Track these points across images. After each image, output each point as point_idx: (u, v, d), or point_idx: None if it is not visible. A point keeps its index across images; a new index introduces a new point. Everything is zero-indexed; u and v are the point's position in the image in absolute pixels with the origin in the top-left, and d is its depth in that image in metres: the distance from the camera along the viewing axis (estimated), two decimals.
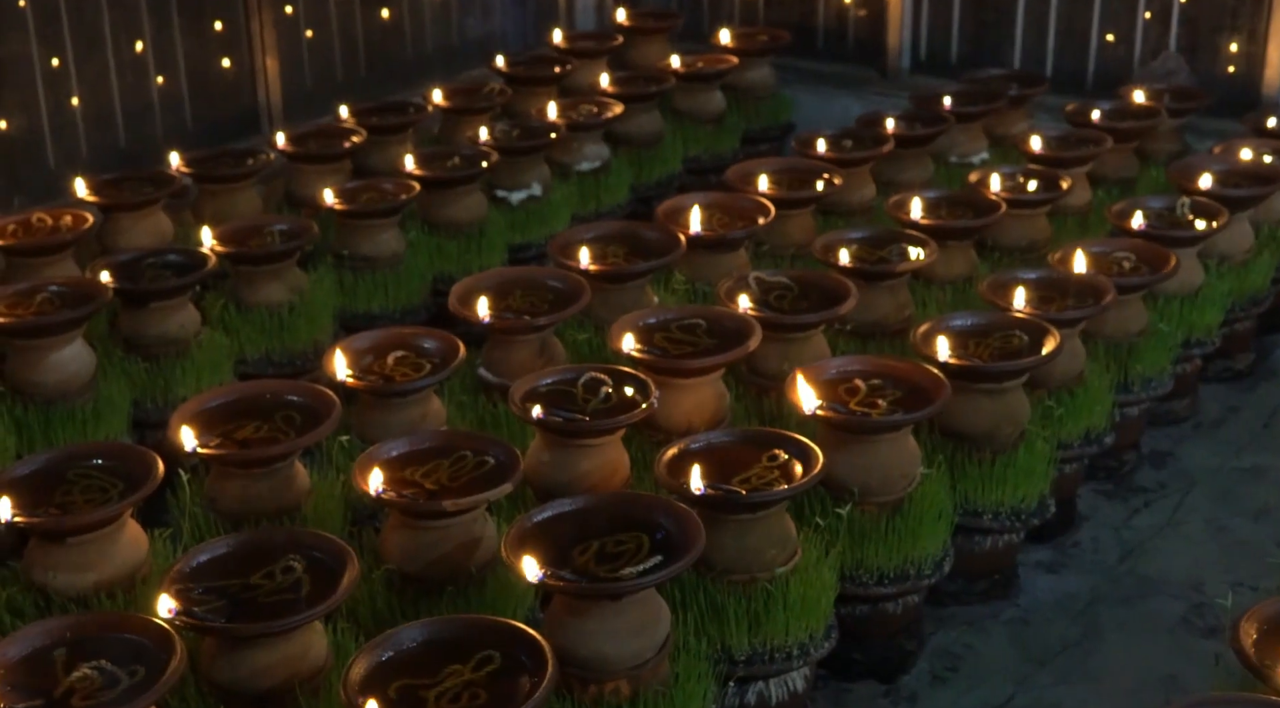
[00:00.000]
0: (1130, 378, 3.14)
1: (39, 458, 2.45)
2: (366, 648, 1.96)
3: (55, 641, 2.01)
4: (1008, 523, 2.74)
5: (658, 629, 2.14)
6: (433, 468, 2.40)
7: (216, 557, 2.19)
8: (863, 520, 2.52)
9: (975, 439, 2.72)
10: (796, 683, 2.42)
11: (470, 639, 1.99)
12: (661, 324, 2.83)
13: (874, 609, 2.59)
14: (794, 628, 2.35)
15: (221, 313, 3.33)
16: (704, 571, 2.34)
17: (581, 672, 2.11)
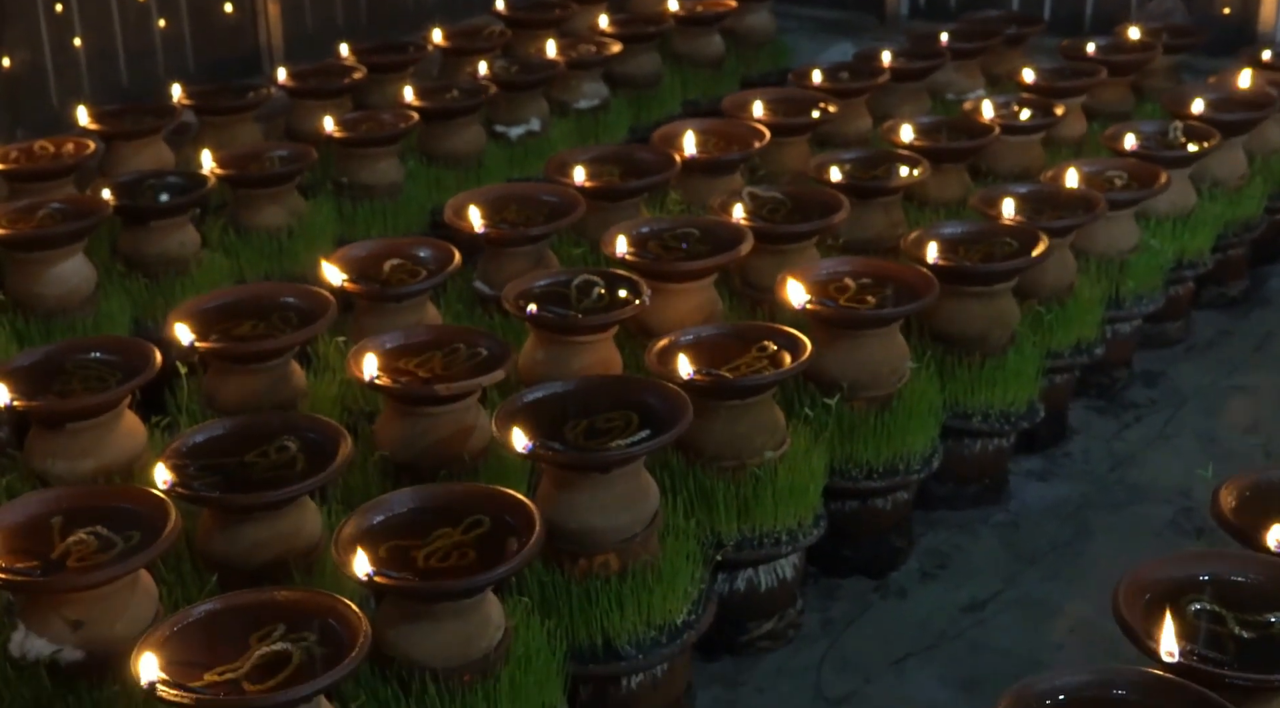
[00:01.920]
0: (1122, 295, 3.16)
1: (38, 351, 2.48)
2: (358, 511, 1.99)
3: (52, 510, 2.04)
4: (997, 426, 2.77)
5: (646, 504, 2.17)
6: (426, 359, 2.43)
7: (213, 437, 2.22)
8: (851, 416, 2.54)
9: (965, 343, 2.74)
10: (785, 571, 2.45)
11: (460, 505, 2.02)
12: (655, 233, 2.86)
13: (863, 506, 2.62)
14: (783, 515, 2.38)
15: (221, 236, 3.36)
16: (693, 457, 2.37)
17: (571, 546, 2.14)
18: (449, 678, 1.91)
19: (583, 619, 2.13)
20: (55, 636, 1.94)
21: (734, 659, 2.45)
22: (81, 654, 1.94)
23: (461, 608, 1.91)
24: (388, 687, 1.92)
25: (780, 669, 2.43)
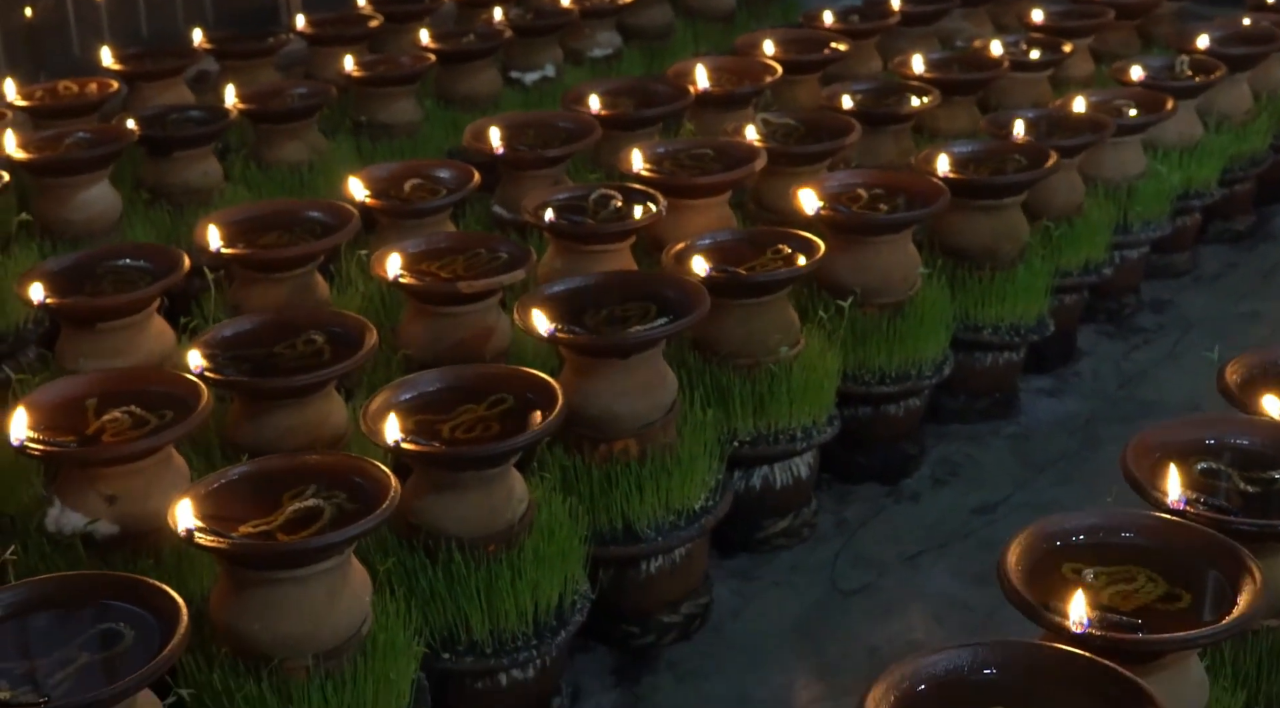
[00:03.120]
0: (1129, 220, 3.21)
1: (69, 256, 2.54)
2: (386, 388, 2.05)
3: (86, 392, 2.10)
4: (1007, 338, 2.82)
5: (664, 392, 2.22)
6: (448, 263, 2.48)
7: (241, 331, 2.28)
8: (864, 321, 2.59)
9: (975, 256, 2.79)
10: (800, 469, 2.50)
11: (485, 384, 2.07)
12: (670, 153, 2.92)
13: (876, 412, 2.67)
14: (797, 412, 2.43)
15: (243, 170, 3.41)
16: (709, 356, 2.42)
17: (591, 431, 2.19)
18: (474, 547, 1.96)
19: (603, 503, 2.19)
20: (90, 510, 1.99)
21: (750, 556, 2.50)
22: (116, 529, 1.99)
23: (486, 478, 1.96)
24: (415, 556, 1.98)
25: (795, 565, 2.48)
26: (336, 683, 1.76)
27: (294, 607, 1.74)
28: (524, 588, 1.98)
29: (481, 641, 1.98)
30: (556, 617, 2.03)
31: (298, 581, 1.74)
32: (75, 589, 1.66)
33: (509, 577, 1.97)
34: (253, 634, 1.75)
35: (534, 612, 2.00)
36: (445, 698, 2.02)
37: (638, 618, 2.28)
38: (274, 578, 1.74)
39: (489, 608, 1.97)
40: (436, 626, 1.97)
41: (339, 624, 1.78)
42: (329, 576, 1.76)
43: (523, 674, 2.04)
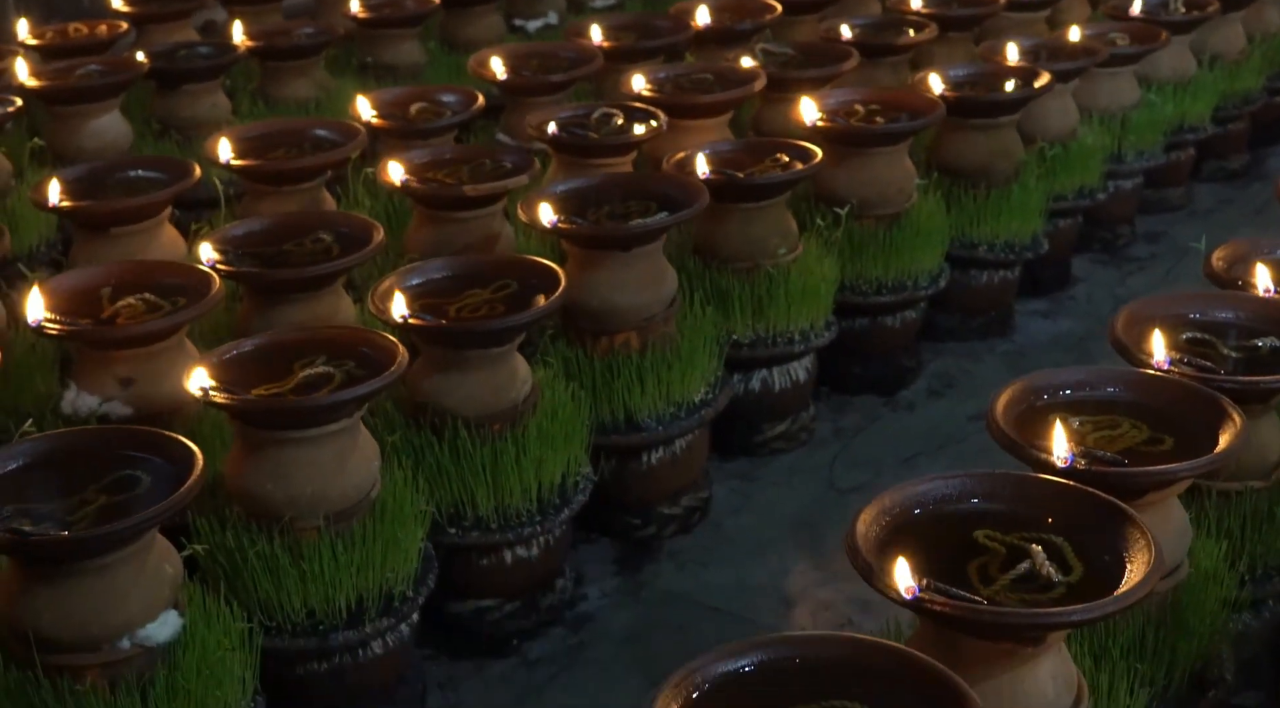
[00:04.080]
0: (1123, 149, 3.26)
1: (82, 167, 2.60)
2: (394, 273, 2.10)
3: (101, 281, 2.15)
4: (1002, 256, 2.87)
5: (665, 286, 2.28)
6: (453, 171, 2.54)
7: (251, 230, 2.33)
8: (861, 233, 2.64)
9: (971, 174, 2.84)
10: (799, 374, 2.55)
11: (490, 271, 2.13)
12: (671, 78, 2.97)
13: (873, 323, 2.72)
14: (795, 314, 2.48)
15: (250, 106, 3.47)
16: (709, 259, 2.47)
17: (593, 324, 2.24)
18: (479, 425, 2.02)
19: (604, 394, 2.24)
20: (105, 392, 2.05)
21: (749, 459, 2.55)
22: (130, 411, 2.04)
23: (490, 358, 2.02)
24: (421, 434, 2.03)
25: (794, 467, 2.54)
26: (346, 543, 1.82)
27: (305, 467, 1.80)
28: (528, 465, 2.03)
29: (487, 516, 2.04)
30: (560, 495, 2.08)
31: (309, 441, 1.79)
32: (95, 441, 1.72)
33: (513, 454, 2.02)
34: (265, 494, 1.80)
35: (538, 490, 2.06)
36: (452, 577, 2.07)
37: (639, 510, 2.33)
38: (285, 438, 1.79)
39: (494, 484, 2.03)
40: (443, 502, 2.02)
41: (348, 486, 1.83)
42: (339, 438, 1.81)
43: (527, 552, 2.09)
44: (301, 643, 1.82)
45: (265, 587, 1.80)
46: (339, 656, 1.87)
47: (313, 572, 1.80)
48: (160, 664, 1.62)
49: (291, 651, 1.83)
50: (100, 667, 1.59)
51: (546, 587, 2.15)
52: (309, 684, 1.88)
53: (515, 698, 2.02)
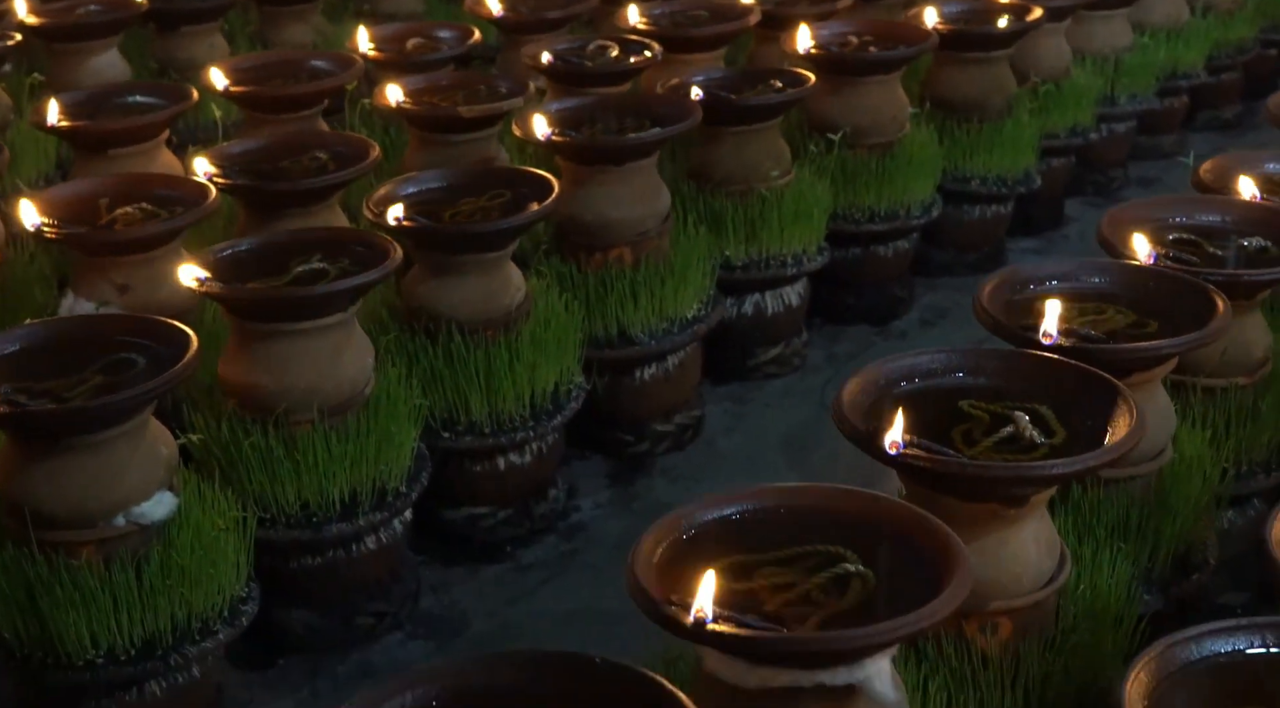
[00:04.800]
0: (1116, 92, 3.28)
1: (81, 92, 2.62)
2: (389, 182, 2.12)
3: (99, 191, 2.17)
4: (995, 190, 2.89)
5: (658, 201, 2.29)
6: (448, 96, 2.56)
7: (248, 148, 2.35)
8: (854, 162, 2.66)
9: (964, 108, 2.86)
10: (791, 298, 2.57)
11: (484, 180, 2.16)
12: (667, 14, 2.98)
13: (866, 253, 2.74)
14: (788, 238, 2.50)
15: (248, 50, 3.48)
16: (703, 183, 2.49)
17: (587, 238, 2.26)
18: (473, 330, 2.03)
19: (598, 310, 2.26)
20: (101, 298, 2.06)
21: (742, 384, 2.57)
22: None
23: (484, 263, 2.04)
24: (415, 339, 2.05)
25: (786, 391, 2.56)
26: (340, 436, 1.84)
27: (299, 360, 1.82)
28: (521, 370, 2.05)
29: (480, 421, 2.06)
30: (553, 402, 2.10)
31: (303, 334, 1.81)
32: (92, 328, 1.74)
33: (507, 359, 2.04)
34: (260, 387, 1.82)
35: (530, 395, 2.08)
36: (446, 484, 2.09)
37: (632, 426, 2.35)
38: (280, 330, 1.81)
39: (487, 389, 2.04)
40: (437, 407, 2.04)
41: (342, 380, 1.85)
42: (333, 332, 1.83)
43: (520, 459, 2.11)
44: (295, 535, 1.84)
45: (260, 479, 1.82)
46: (332, 550, 1.89)
47: (306, 464, 1.82)
48: (155, 542, 1.63)
49: (285, 542, 1.84)
50: (95, 543, 1.61)
51: (539, 495, 2.17)
52: (303, 579, 1.90)
53: (507, 600, 2.04)
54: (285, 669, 1.91)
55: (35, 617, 1.60)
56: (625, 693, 1.07)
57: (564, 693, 1.09)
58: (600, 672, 1.09)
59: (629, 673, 1.08)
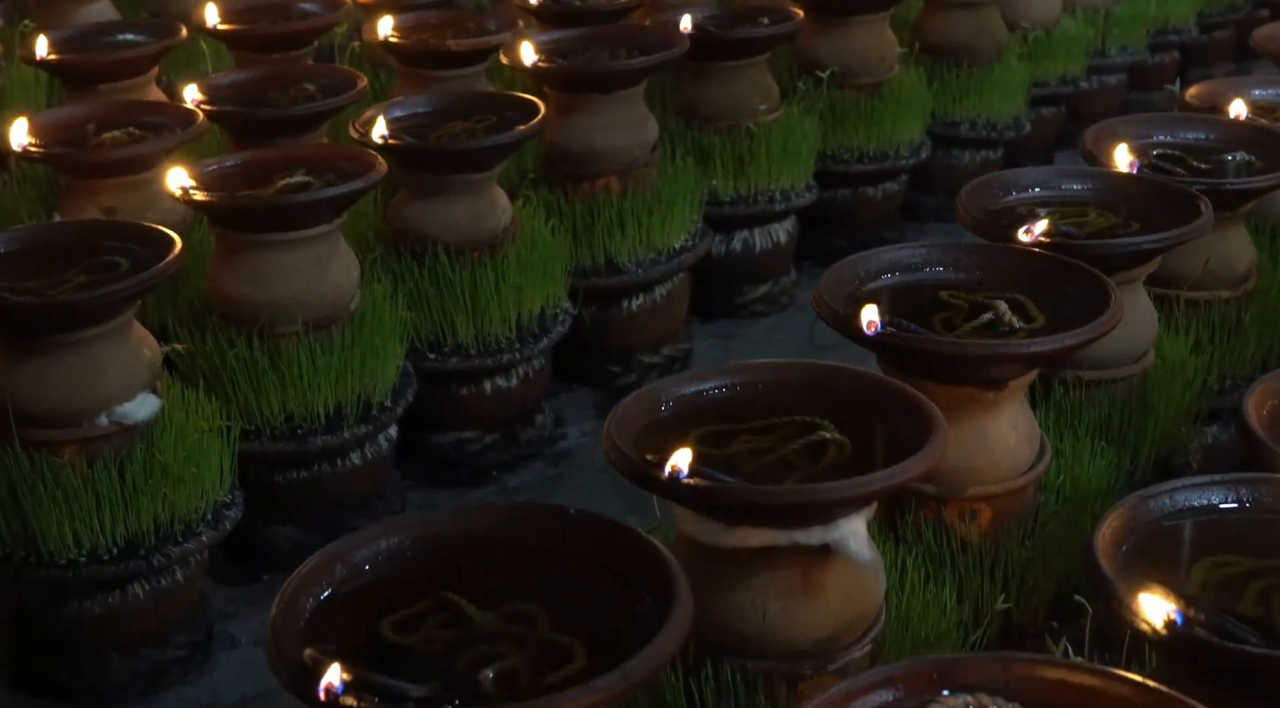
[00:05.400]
0: (1107, 44, 3.29)
1: (71, 29, 2.62)
2: (377, 106, 2.12)
3: (87, 117, 2.17)
4: (984, 134, 2.89)
5: (645, 131, 2.30)
6: (438, 33, 2.56)
7: (238, 80, 2.35)
8: (844, 102, 2.66)
9: (953, 53, 2.86)
10: (779, 236, 2.57)
11: (471, 105, 2.16)
12: None
13: (855, 194, 2.74)
14: (776, 173, 2.50)
15: None
16: (691, 119, 2.49)
17: (574, 168, 2.27)
18: (459, 252, 2.04)
19: (585, 238, 2.26)
20: None
21: (731, 321, 2.57)
22: None
23: (470, 184, 2.04)
24: (401, 260, 2.05)
25: (774, 328, 2.56)
26: (324, 348, 1.84)
27: (283, 271, 1.82)
28: (507, 292, 2.05)
29: (466, 343, 2.06)
30: (539, 324, 2.11)
31: (287, 245, 1.81)
32: (76, 232, 1.75)
33: (493, 280, 2.04)
34: (244, 298, 1.82)
35: (517, 318, 2.08)
36: (432, 408, 2.09)
37: (620, 358, 2.35)
38: (264, 241, 1.81)
39: (473, 310, 2.04)
40: (423, 329, 2.04)
41: (327, 293, 1.85)
42: (317, 244, 1.83)
43: (506, 382, 2.11)
44: (280, 446, 1.84)
45: (244, 390, 1.82)
46: (317, 463, 1.89)
47: (291, 375, 1.82)
48: (138, 443, 1.64)
49: (270, 454, 1.84)
50: (79, 443, 1.61)
51: (526, 421, 2.17)
52: (288, 494, 1.90)
53: None
54: (270, 584, 1.90)
55: (18, 515, 1.60)
56: (598, 541, 1.07)
57: (538, 542, 1.09)
58: (574, 521, 1.09)
59: (602, 522, 1.08)
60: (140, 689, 1.70)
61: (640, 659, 0.93)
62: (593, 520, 1.09)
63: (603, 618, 1.04)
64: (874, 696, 0.89)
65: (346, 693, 0.91)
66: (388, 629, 1.02)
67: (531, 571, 1.07)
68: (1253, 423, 1.22)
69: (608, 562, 1.06)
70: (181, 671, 1.73)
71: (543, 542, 1.09)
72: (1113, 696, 0.88)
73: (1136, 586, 1.00)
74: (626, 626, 1.00)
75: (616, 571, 1.05)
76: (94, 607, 1.66)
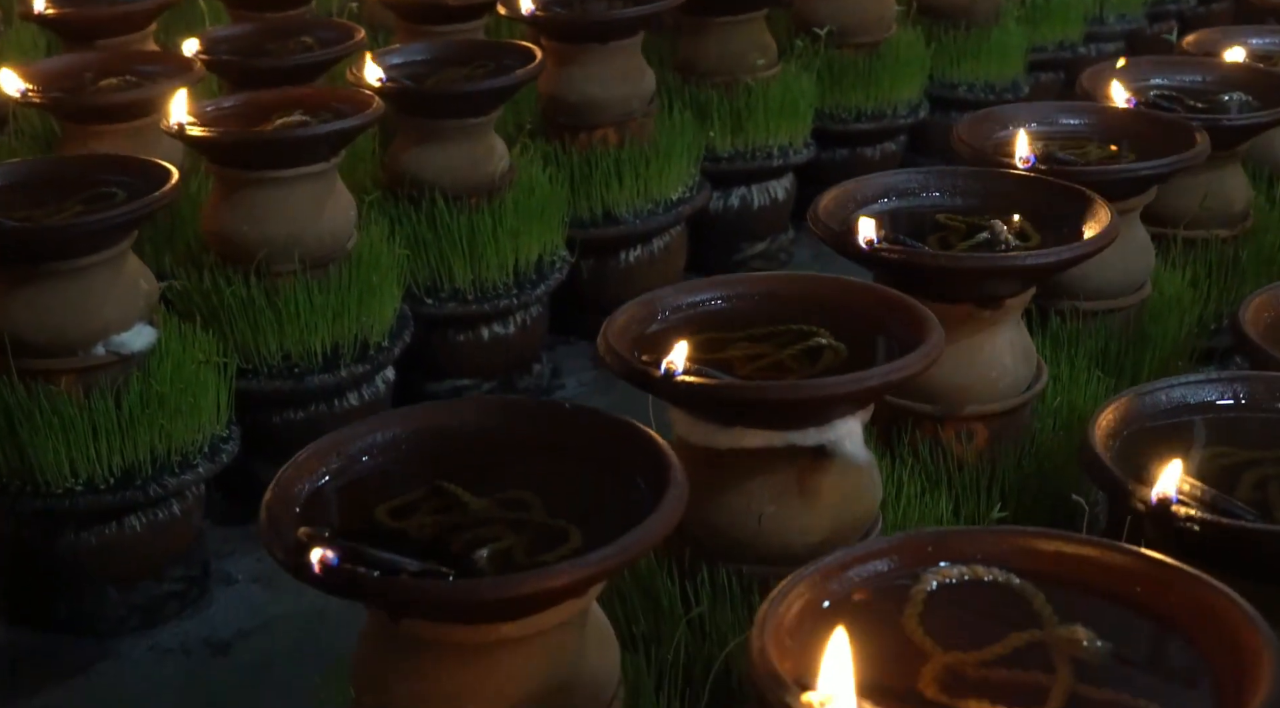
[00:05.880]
0: (1104, 11, 3.29)
1: None
2: (373, 53, 2.11)
3: (84, 65, 2.17)
4: (983, 96, 2.89)
5: (643, 82, 2.30)
6: None
7: (236, 33, 2.36)
8: (841, 61, 2.67)
9: (951, 14, 2.87)
10: (777, 192, 2.57)
11: (468, 51, 2.17)
12: None
13: (853, 154, 2.74)
14: (774, 129, 2.50)
15: None
16: (688, 74, 2.49)
17: (571, 119, 2.27)
18: (456, 197, 2.04)
19: (583, 189, 2.26)
20: None
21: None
22: None
23: (468, 129, 2.04)
24: (399, 206, 2.05)
25: None
26: (322, 287, 1.84)
27: (280, 209, 1.82)
28: (505, 238, 2.05)
29: (464, 288, 2.06)
30: (536, 271, 2.11)
31: (284, 182, 1.81)
32: (73, 166, 1.75)
33: (490, 225, 2.04)
34: (241, 235, 1.82)
35: (515, 264, 2.08)
36: (430, 356, 2.09)
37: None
38: (261, 178, 1.81)
39: (471, 255, 2.05)
40: (421, 274, 2.04)
41: (324, 232, 1.85)
42: (314, 183, 1.83)
43: (504, 329, 2.12)
44: (278, 385, 1.84)
45: (242, 328, 1.82)
46: (315, 403, 1.89)
47: (288, 314, 1.82)
48: (135, 373, 1.63)
49: (268, 393, 1.84)
50: (75, 372, 1.61)
51: (524, 369, 2.17)
52: (286, 434, 1.90)
53: None
54: None
55: (14, 445, 1.60)
56: (594, 434, 1.07)
57: (534, 435, 1.09)
58: (570, 415, 1.09)
59: (598, 416, 1.08)
60: (136, 623, 1.70)
61: (637, 534, 0.93)
62: (588, 415, 1.08)
63: (598, 505, 1.03)
64: (869, 565, 0.89)
65: (341, 566, 0.91)
66: (383, 515, 1.01)
67: (527, 463, 1.07)
68: (1248, 330, 1.22)
69: (603, 454, 1.05)
70: (178, 605, 1.73)
71: (538, 436, 1.08)
72: (1110, 565, 0.88)
73: (1133, 471, 1.00)
74: (621, 511, 0.99)
75: (612, 462, 1.05)
76: (91, 539, 1.66)
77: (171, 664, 1.66)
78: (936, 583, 0.89)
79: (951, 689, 0.81)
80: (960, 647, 0.84)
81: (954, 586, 0.89)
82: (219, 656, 1.68)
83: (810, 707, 0.73)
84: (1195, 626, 0.82)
